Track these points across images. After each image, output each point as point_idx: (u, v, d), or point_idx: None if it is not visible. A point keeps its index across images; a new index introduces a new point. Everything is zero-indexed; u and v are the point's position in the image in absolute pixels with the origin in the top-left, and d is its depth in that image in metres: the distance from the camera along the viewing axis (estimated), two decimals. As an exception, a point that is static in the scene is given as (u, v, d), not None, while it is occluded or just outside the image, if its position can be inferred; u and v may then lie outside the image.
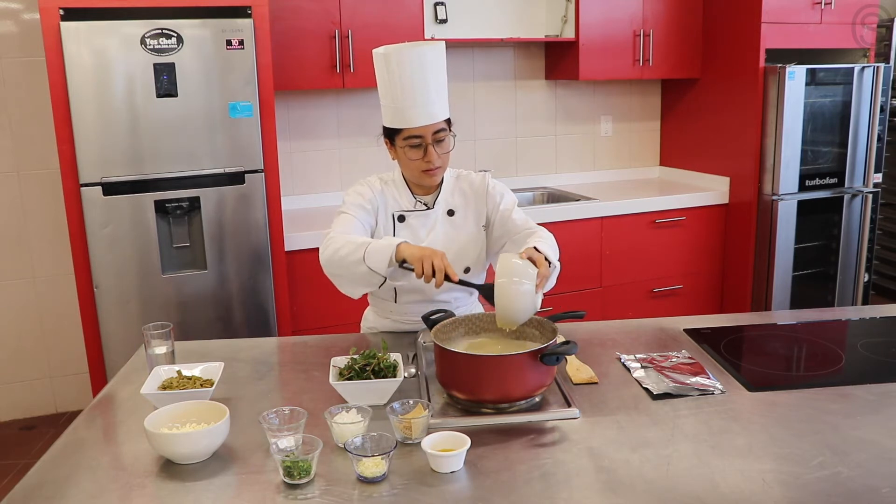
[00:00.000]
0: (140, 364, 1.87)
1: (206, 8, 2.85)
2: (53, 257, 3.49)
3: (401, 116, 1.89)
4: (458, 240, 2.03)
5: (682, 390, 1.63)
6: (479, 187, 2.07)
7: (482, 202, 2.06)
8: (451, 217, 2.04)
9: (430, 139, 1.89)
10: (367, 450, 1.34)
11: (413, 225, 2.01)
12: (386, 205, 2.02)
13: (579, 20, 3.78)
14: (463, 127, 4.01)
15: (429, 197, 2.04)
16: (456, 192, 2.06)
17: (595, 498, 1.26)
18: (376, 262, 1.76)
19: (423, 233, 2.01)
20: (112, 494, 1.30)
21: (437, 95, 1.89)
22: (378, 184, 2.03)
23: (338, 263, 1.84)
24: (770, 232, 3.81)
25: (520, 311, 1.63)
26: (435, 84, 1.88)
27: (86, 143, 2.78)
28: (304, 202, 3.75)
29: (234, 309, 3.06)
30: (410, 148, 1.91)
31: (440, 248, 1.98)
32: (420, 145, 1.90)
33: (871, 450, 1.38)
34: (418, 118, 1.88)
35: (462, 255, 2.02)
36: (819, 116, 3.80)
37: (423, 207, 2.02)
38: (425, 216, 2.02)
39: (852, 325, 2.14)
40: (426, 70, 1.86)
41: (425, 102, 1.87)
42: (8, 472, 3.10)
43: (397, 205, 2.02)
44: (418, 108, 1.87)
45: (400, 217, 2.01)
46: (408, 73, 1.85)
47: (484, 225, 2.06)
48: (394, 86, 1.87)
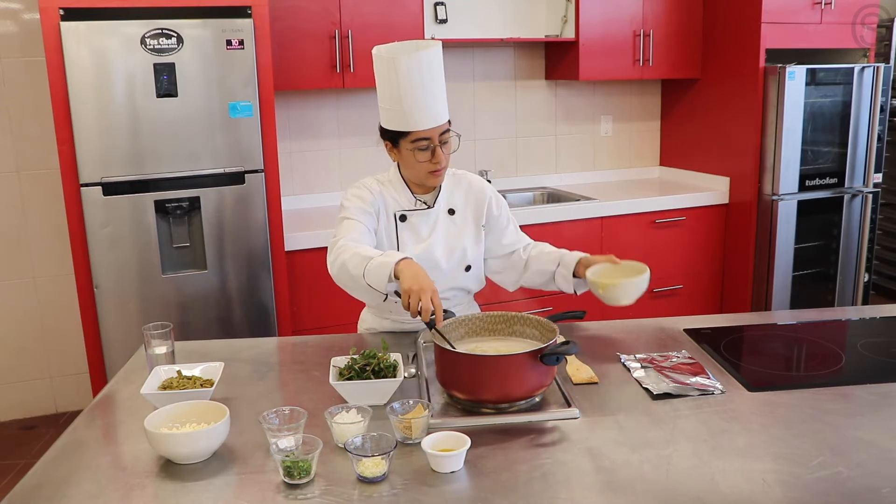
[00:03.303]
0: (140, 364, 1.87)
1: (206, 8, 2.85)
2: (53, 257, 3.49)
3: (407, 119, 1.88)
4: (460, 238, 2.04)
5: (682, 390, 1.63)
6: (479, 190, 2.09)
7: (482, 204, 2.07)
8: (451, 216, 2.05)
9: (438, 140, 1.90)
10: (367, 450, 1.34)
11: (415, 224, 2.01)
12: (386, 205, 2.01)
13: (579, 20, 3.78)
14: (463, 127, 4.01)
15: (428, 196, 2.04)
16: (455, 191, 2.07)
17: (595, 498, 1.26)
18: (375, 279, 1.72)
19: (425, 231, 2.02)
20: (112, 494, 1.30)
21: (440, 97, 1.90)
22: (375, 185, 2.03)
23: (346, 276, 1.80)
24: (770, 232, 3.81)
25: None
26: (438, 86, 1.89)
27: (86, 143, 2.78)
28: (304, 202, 3.75)
29: (234, 309, 3.06)
30: (419, 150, 1.90)
31: (441, 246, 2.00)
32: (428, 147, 1.90)
33: (871, 450, 1.38)
34: (426, 121, 1.88)
35: (463, 253, 2.03)
36: (819, 116, 3.80)
37: (424, 206, 2.02)
38: (426, 215, 2.02)
39: (852, 325, 2.14)
40: (431, 72, 1.87)
41: (431, 105, 1.88)
42: (8, 472, 3.10)
43: (397, 204, 2.02)
44: (425, 111, 1.87)
45: (401, 217, 2.01)
46: (416, 76, 1.85)
47: (483, 224, 2.08)
48: (399, 89, 1.86)
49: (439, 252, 2.00)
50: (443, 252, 2.01)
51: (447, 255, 2.02)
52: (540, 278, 2.10)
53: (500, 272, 2.16)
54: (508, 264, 2.14)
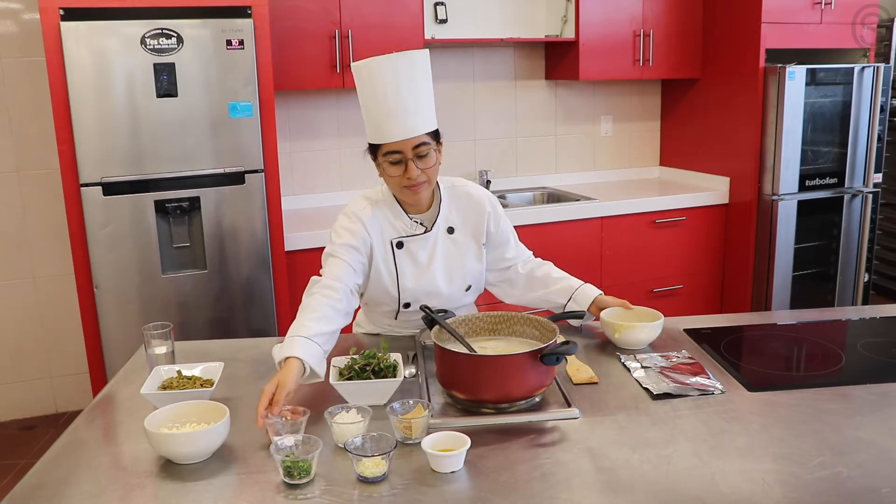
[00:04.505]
0: (140, 364, 1.87)
1: (206, 8, 2.85)
2: (53, 257, 3.49)
3: (377, 131, 1.79)
4: (460, 258, 1.97)
5: (682, 390, 1.63)
6: (477, 203, 1.98)
7: (481, 221, 1.98)
8: (451, 235, 1.95)
9: (410, 154, 1.77)
10: (367, 450, 1.34)
11: (412, 250, 1.92)
12: (381, 231, 1.90)
13: (579, 20, 3.78)
14: (463, 127, 4.01)
15: (425, 216, 1.93)
16: (453, 208, 1.96)
17: (595, 498, 1.26)
18: (276, 353, 1.63)
19: (424, 258, 1.93)
20: (112, 494, 1.30)
21: (415, 108, 1.76)
22: (368, 210, 1.90)
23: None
24: (770, 232, 3.81)
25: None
26: (413, 96, 1.75)
27: (86, 143, 2.78)
28: (304, 202, 3.75)
29: (234, 309, 3.06)
30: (390, 164, 1.80)
31: (442, 271, 1.94)
32: (400, 161, 1.78)
33: (871, 450, 1.38)
34: (394, 133, 1.76)
35: (464, 273, 1.97)
36: (819, 116, 3.80)
37: (422, 230, 1.92)
38: (424, 240, 1.92)
39: (852, 325, 2.14)
40: (399, 81, 1.74)
41: (401, 115, 1.75)
42: (8, 472, 3.10)
43: (393, 229, 1.90)
44: (394, 123, 1.75)
45: (398, 244, 1.91)
46: (380, 85, 1.74)
47: (484, 243, 2.00)
48: (368, 100, 1.78)
49: (441, 279, 1.94)
50: (444, 278, 1.94)
51: (448, 281, 1.95)
52: (546, 306, 2.06)
53: (496, 285, 2.11)
54: (504, 278, 2.09)
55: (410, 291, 1.93)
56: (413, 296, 1.93)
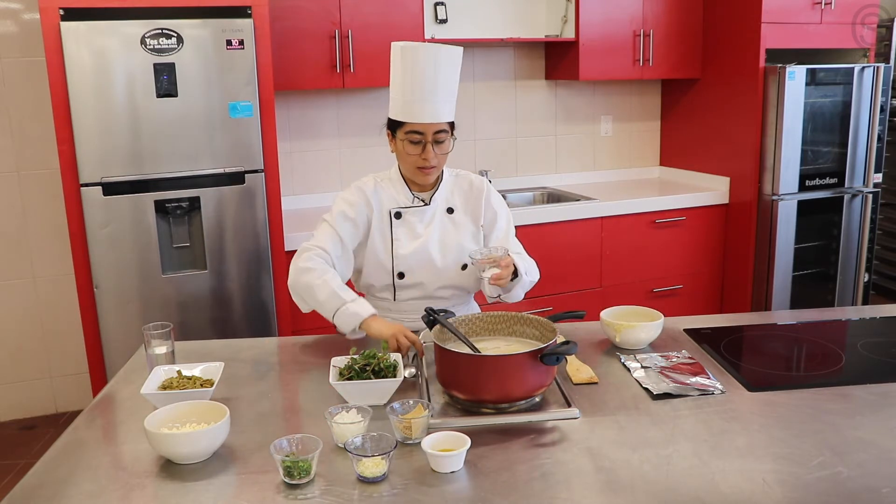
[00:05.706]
0: (140, 364, 1.87)
1: (206, 8, 2.85)
2: (53, 257, 3.49)
3: (406, 110, 1.93)
4: (457, 237, 2.06)
5: (682, 390, 1.63)
6: (478, 189, 2.11)
7: (479, 204, 2.09)
8: (450, 215, 2.07)
9: (431, 137, 1.93)
10: (367, 450, 1.34)
11: (410, 221, 2.04)
12: (381, 203, 2.04)
13: (579, 20, 3.78)
14: (463, 127, 4.00)
15: (426, 194, 2.06)
16: (455, 191, 2.10)
17: (595, 498, 1.26)
18: (342, 324, 1.89)
19: (420, 228, 2.04)
20: (112, 494, 1.30)
21: (444, 97, 1.93)
22: (371, 184, 2.06)
23: (310, 298, 1.94)
24: (770, 232, 3.81)
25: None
26: (444, 85, 1.92)
27: (86, 143, 2.78)
28: (304, 202, 3.75)
29: (234, 309, 3.06)
30: (410, 143, 1.94)
31: (437, 243, 2.02)
32: (420, 142, 1.94)
33: (871, 450, 1.38)
34: (422, 114, 1.91)
35: (461, 252, 2.04)
36: (819, 116, 3.80)
37: (421, 203, 2.05)
38: (422, 212, 2.05)
39: (852, 325, 2.14)
40: (438, 70, 1.90)
41: (432, 100, 1.91)
42: (8, 472, 3.10)
43: (394, 201, 2.05)
44: (424, 105, 1.91)
45: (396, 214, 2.03)
46: (420, 69, 1.89)
47: (482, 224, 2.10)
48: (404, 79, 1.91)
49: (434, 249, 2.02)
50: (438, 249, 2.03)
51: (442, 253, 2.03)
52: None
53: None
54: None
55: (404, 259, 2.01)
56: (407, 264, 2.01)
